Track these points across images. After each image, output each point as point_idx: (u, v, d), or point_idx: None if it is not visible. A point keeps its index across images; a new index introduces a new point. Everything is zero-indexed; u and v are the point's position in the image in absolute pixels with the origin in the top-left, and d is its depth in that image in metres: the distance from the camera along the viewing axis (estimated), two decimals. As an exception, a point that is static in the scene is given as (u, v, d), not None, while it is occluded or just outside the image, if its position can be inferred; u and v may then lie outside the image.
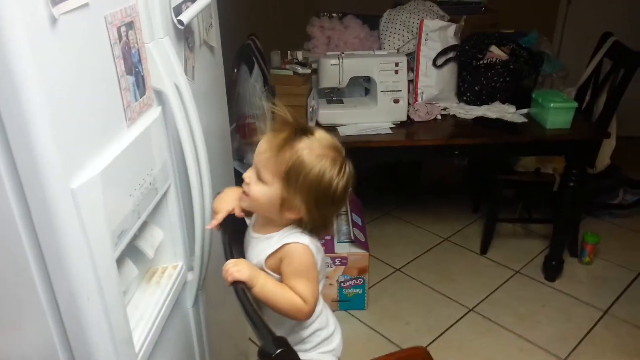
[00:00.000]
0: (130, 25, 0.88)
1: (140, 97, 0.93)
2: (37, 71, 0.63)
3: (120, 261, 0.93)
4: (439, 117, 2.35)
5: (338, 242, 2.30)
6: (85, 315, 0.76)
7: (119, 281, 0.83)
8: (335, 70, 2.20)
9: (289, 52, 2.27)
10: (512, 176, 2.56)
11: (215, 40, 1.37)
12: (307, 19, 2.54)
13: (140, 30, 0.92)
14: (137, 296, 1.02)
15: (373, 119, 2.27)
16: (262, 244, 1.00)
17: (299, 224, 0.97)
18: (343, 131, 2.23)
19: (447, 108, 2.39)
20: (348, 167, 0.96)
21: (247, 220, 1.08)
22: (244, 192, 0.98)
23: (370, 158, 2.28)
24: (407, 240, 2.81)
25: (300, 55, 2.26)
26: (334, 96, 2.34)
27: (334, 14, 2.61)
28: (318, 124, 2.25)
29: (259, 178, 0.94)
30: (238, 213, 1.04)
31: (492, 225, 2.67)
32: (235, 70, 2.41)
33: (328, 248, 2.24)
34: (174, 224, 1.08)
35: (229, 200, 1.05)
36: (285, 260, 0.97)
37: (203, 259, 1.17)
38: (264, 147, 0.94)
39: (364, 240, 2.29)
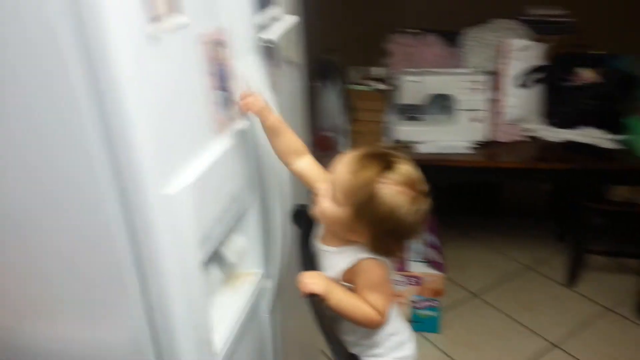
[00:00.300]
0: (220, 43, 0.93)
1: (229, 111, 0.98)
2: (138, 84, 0.68)
3: (206, 265, 0.98)
4: (524, 138, 2.26)
5: (412, 261, 2.26)
6: (172, 314, 0.80)
7: (205, 284, 0.87)
8: (415, 87, 2.19)
9: (368, 68, 2.29)
10: (603, 205, 2.39)
11: (297, 56, 1.42)
12: (387, 35, 2.55)
13: (229, 48, 0.97)
14: (219, 300, 1.06)
15: (452, 137, 2.23)
16: (336, 258, 1.00)
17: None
18: (421, 148, 2.20)
19: (532, 129, 2.29)
20: (426, 204, 0.93)
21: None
22: (315, 202, 0.99)
23: (448, 177, 2.23)
24: (485, 264, 2.69)
25: (379, 71, 2.27)
26: (412, 113, 2.32)
27: (416, 30, 2.60)
28: (395, 141, 2.25)
29: (333, 196, 0.95)
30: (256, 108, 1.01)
31: (580, 255, 2.49)
32: (315, 84, 2.46)
33: (402, 266, 2.20)
34: (255, 233, 1.12)
35: (265, 103, 1.03)
36: (361, 274, 0.97)
37: (281, 267, 1.20)
38: (344, 169, 0.93)
39: (440, 262, 2.23)
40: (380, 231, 0.92)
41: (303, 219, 1.10)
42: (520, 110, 2.26)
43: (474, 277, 2.57)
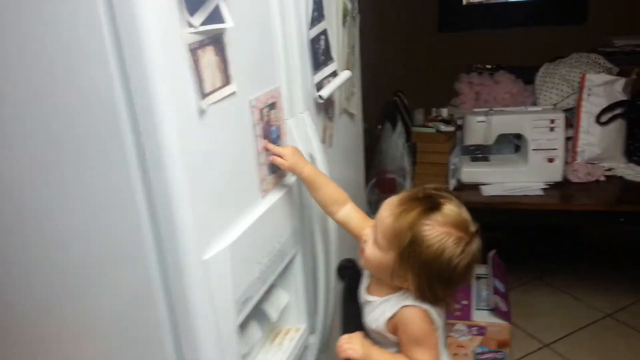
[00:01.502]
0: (272, 106, 0.96)
1: (277, 170, 1.00)
2: (182, 156, 0.72)
3: (245, 323, 1.00)
4: (603, 178, 2.11)
5: (476, 309, 2.15)
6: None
7: (240, 347, 0.88)
8: (482, 127, 2.12)
9: (433, 109, 2.26)
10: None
11: (355, 107, 1.43)
12: (457, 75, 2.51)
13: (281, 109, 1.00)
14: (260, 357, 1.07)
15: (522, 178, 2.13)
16: (380, 308, 0.97)
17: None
18: (487, 191, 2.12)
19: (612, 169, 2.14)
20: (474, 246, 0.90)
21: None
22: (361, 249, 0.98)
23: (517, 221, 2.13)
24: (560, 312, 2.51)
25: (445, 112, 2.23)
26: (479, 153, 2.25)
27: (488, 66, 2.54)
28: (460, 183, 2.18)
29: (376, 241, 0.93)
30: (286, 166, 1.00)
31: (669, 305, 2.27)
32: (380, 126, 2.46)
33: (464, 314, 2.11)
34: (299, 288, 1.12)
35: (297, 158, 1.01)
36: (401, 327, 0.93)
37: (325, 322, 1.19)
38: (387, 213, 0.91)
39: (506, 310, 2.11)
40: (426, 276, 0.88)
41: (349, 274, 1.09)
42: (598, 148, 2.13)
43: (546, 326, 2.40)
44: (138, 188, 0.71)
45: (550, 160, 2.09)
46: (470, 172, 2.18)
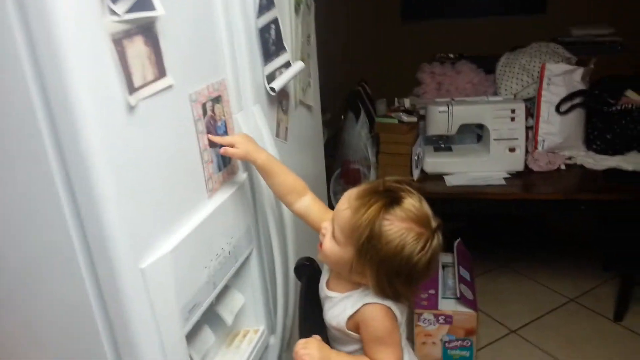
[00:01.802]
0: (217, 99, 0.91)
1: (225, 167, 0.95)
2: (107, 156, 0.66)
3: (197, 329, 0.95)
4: (563, 167, 2.13)
5: (443, 298, 2.15)
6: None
7: (187, 356, 0.83)
8: (444, 117, 2.10)
9: (396, 99, 2.23)
10: (653, 234, 2.21)
11: (312, 99, 1.38)
12: (420, 64, 2.49)
13: (228, 102, 0.94)
14: (216, 360, 1.03)
15: (485, 168, 2.13)
16: (341, 304, 0.93)
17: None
18: (450, 181, 2.11)
19: (572, 157, 2.16)
20: (435, 242, 0.86)
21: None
22: (319, 244, 0.93)
23: (480, 211, 2.13)
24: (525, 298, 2.54)
25: (407, 102, 2.21)
26: (442, 143, 2.24)
27: (450, 55, 2.52)
28: (424, 173, 2.16)
29: (334, 235, 0.89)
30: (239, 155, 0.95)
31: (630, 288, 2.31)
32: (343, 116, 2.42)
33: (431, 303, 2.10)
34: (256, 288, 1.08)
35: (250, 145, 0.96)
36: (362, 324, 0.89)
37: (285, 322, 1.15)
38: (345, 206, 0.87)
39: (471, 299, 2.11)
40: (386, 272, 0.84)
41: (306, 273, 1.05)
42: (558, 137, 2.14)
43: (512, 312, 2.42)
44: (61, 193, 0.65)
45: (512, 149, 2.09)
46: (434, 162, 2.17)
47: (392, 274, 0.84)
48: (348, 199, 0.88)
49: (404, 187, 0.88)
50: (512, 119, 2.06)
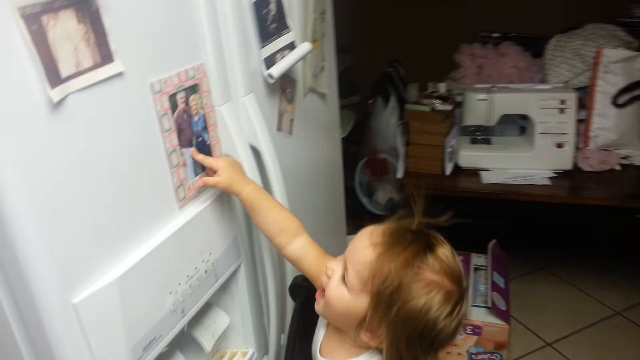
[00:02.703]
0: (193, 89, 0.74)
1: (204, 170, 0.79)
2: (18, 166, 0.51)
3: (168, 356, 0.81)
4: (618, 167, 1.89)
5: (472, 306, 1.96)
6: None
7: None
8: (483, 106, 1.89)
9: (430, 83, 2.02)
10: None
11: (326, 86, 1.21)
12: (458, 44, 2.25)
13: (207, 92, 0.78)
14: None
15: (527, 165, 1.91)
16: None
17: (379, 356, 0.73)
18: (487, 177, 1.90)
19: (629, 157, 1.91)
20: (464, 306, 0.70)
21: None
22: (321, 289, 0.76)
23: (519, 213, 1.92)
24: (565, 307, 2.31)
25: (442, 87, 1.99)
26: (480, 135, 2.02)
27: (494, 35, 2.27)
28: (457, 168, 1.96)
29: (345, 279, 0.71)
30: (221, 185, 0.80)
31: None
32: (371, 101, 2.23)
33: (459, 312, 1.92)
34: (244, 307, 0.93)
35: (235, 174, 0.82)
36: None
37: (279, 342, 1.00)
38: (366, 245, 0.70)
39: (504, 309, 1.92)
40: (408, 334, 0.68)
41: (303, 295, 0.89)
42: (614, 134, 1.90)
43: (549, 322, 2.21)
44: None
45: (559, 145, 1.86)
46: (469, 155, 1.96)
47: (413, 337, 0.68)
48: (369, 237, 0.71)
49: (434, 234, 0.72)
50: (561, 111, 1.83)
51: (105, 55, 0.58)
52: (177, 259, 0.73)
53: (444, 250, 0.70)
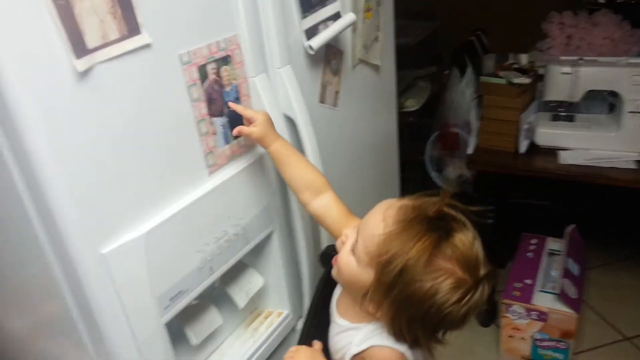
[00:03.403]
0: (224, 60, 0.78)
1: (235, 139, 0.83)
2: (50, 129, 0.58)
3: (202, 309, 0.88)
4: None
5: (540, 291, 1.87)
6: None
7: (167, 344, 0.76)
8: (567, 80, 1.74)
9: (510, 54, 1.90)
10: None
11: (378, 57, 1.18)
12: (547, 12, 2.08)
13: (241, 63, 0.81)
14: (228, 342, 0.96)
15: (612, 146, 1.75)
16: (346, 336, 0.78)
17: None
18: (565, 157, 1.77)
19: None
20: (476, 296, 0.67)
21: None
22: (337, 250, 0.77)
23: (598, 199, 1.78)
24: (652, 301, 2.13)
25: (524, 59, 1.86)
26: (562, 111, 1.87)
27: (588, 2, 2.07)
28: (534, 145, 1.84)
29: (355, 249, 0.72)
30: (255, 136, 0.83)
31: None
32: (447, 71, 2.15)
33: (524, 296, 1.84)
34: (279, 271, 0.98)
35: (269, 128, 0.84)
36: None
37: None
38: (378, 222, 0.69)
39: (575, 297, 1.81)
40: (408, 315, 0.68)
41: (330, 264, 0.91)
42: None
43: (629, 315, 2.04)
44: (13, 171, 0.59)
45: (654, 125, 1.68)
46: (548, 133, 1.83)
47: (415, 318, 0.67)
48: (384, 214, 0.70)
49: (458, 216, 0.69)
50: (659, 88, 1.64)
51: (132, 28, 0.63)
52: (204, 221, 0.78)
53: (463, 237, 0.67)
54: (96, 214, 0.63)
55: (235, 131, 0.81)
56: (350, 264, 0.72)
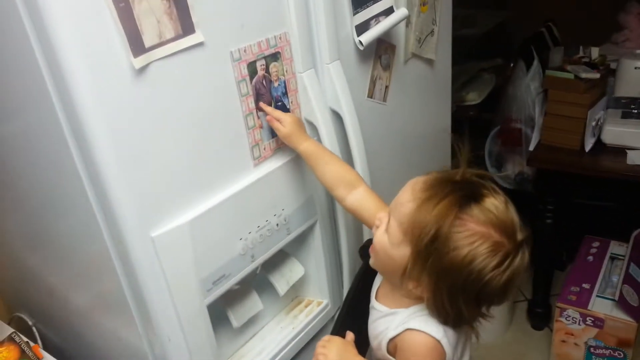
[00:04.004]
0: (274, 57, 0.80)
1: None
2: (108, 120, 0.63)
3: (244, 293, 0.93)
4: None
5: (598, 296, 1.80)
6: (167, 353, 0.78)
7: (208, 323, 0.81)
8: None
9: (581, 47, 1.81)
10: None
11: (433, 51, 1.17)
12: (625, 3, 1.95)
13: (290, 60, 0.83)
14: (269, 327, 1.01)
15: (689, 148, 1.63)
16: (384, 322, 0.78)
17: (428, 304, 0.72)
18: (633, 158, 1.67)
19: None
20: (517, 260, 0.66)
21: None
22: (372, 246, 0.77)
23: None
24: None
25: (595, 52, 1.77)
26: (634, 108, 1.76)
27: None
28: (600, 144, 1.75)
29: (389, 229, 0.72)
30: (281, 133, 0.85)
31: None
32: (512, 64, 2.07)
33: (581, 300, 1.78)
34: (319, 261, 1.01)
35: (296, 129, 0.85)
36: (399, 353, 0.74)
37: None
38: (408, 196, 0.70)
39: (636, 305, 1.72)
40: (448, 286, 0.67)
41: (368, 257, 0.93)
42: None
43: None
44: (75, 157, 0.66)
45: None
46: (616, 131, 1.73)
47: (455, 288, 0.67)
48: (412, 188, 0.71)
49: (487, 183, 0.69)
50: None
51: (187, 27, 0.67)
52: (248, 210, 0.82)
53: (494, 201, 0.67)
54: (148, 200, 0.69)
55: (268, 118, 0.83)
56: (384, 243, 0.72)
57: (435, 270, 0.66)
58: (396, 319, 0.76)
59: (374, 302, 0.82)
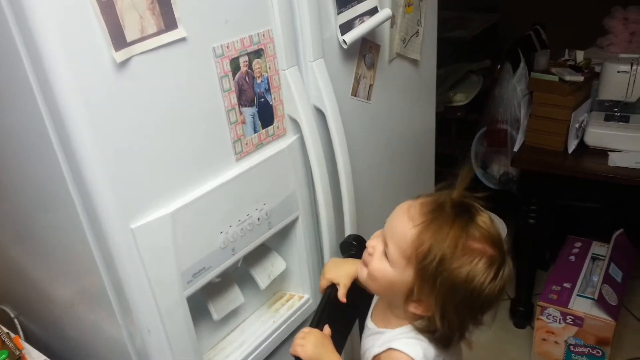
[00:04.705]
0: (256, 54, 0.82)
1: (264, 128, 0.87)
2: (89, 113, 0.64)
3: (225, 286, 0.94)
4: None
5: (579, 295, 1.83)
6: (147, 345, 0.79)
7: (187, 315, 0.82)
8: (624, 79, 1.67)
9: (566, 50, 1.83)
10: None
11: (418, 52, 1.19)
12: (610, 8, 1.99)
13: (273, 57, 0.85)
14: (251, 320, 1.02)
15: (668, 151, 1.67)
16: (372, 339, 0.81)
17: (426, 323, 0.75)
18: (614, 160, 1.70)
19: None
20: (507, 270, 0.71)
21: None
22: (364, 262, 0.78)
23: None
24: None
25: (580, 55, 1.80)
26: (617, 111, 1.79)
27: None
28: (583, 145, 1.78)
29: (387, 255, 0.74)
30: (341, 295, 0.86)
31: None
32: (499, 66, 2.10)
33: (561, 299, 1.81)
34: (302, 256, 1.02)
35: (343, 274, 0.87)
36: None
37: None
38: (405, 222, 0.72)
39: (614, 304, 1.76)
40: (454, 305, 0.70)
41: (350, 253, 0.95)
42: None
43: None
44: (56, 148, 0.67)
45: None
46: (599, 133, 1.76)
47: (462, 304, 0.70)
48: (407, 213, 0.73)
49: (473, 203, 0.73)
50: None
51: (169, 22, 0.68)
52: (229, 204, 0.83)
53: (483, 218, 0.71)
54: (129, 192, 0.70)
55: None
56: (385, 270, 0.73)
57: (442, 290, 0.69)
58: (382, 337, 0.78)
59: (368, 320, 0.85)
